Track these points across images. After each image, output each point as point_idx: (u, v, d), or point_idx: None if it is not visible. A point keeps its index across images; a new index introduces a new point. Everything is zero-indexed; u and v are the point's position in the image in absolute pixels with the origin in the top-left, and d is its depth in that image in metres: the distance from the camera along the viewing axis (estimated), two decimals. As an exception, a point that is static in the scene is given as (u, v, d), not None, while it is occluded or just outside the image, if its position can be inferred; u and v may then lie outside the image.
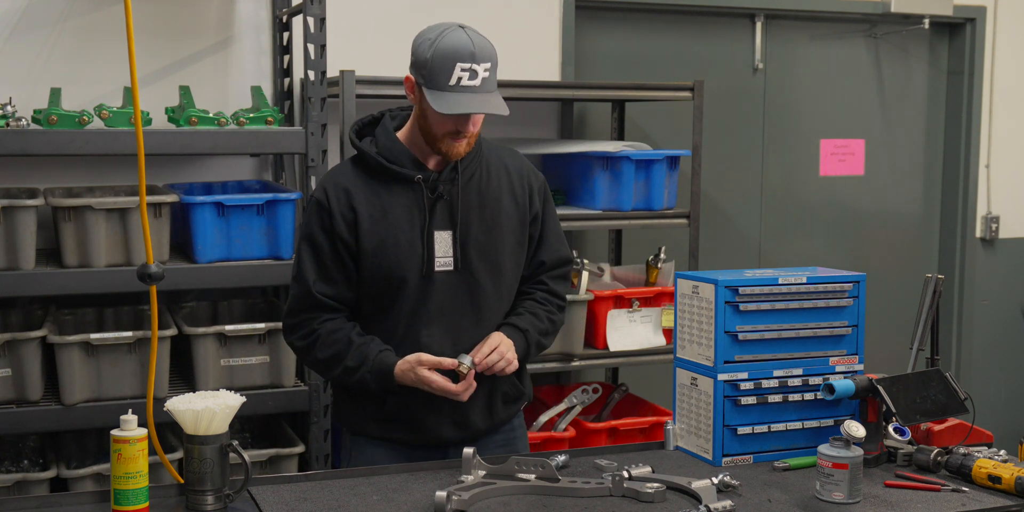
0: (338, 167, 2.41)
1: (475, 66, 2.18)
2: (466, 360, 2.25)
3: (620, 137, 4.17)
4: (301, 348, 2.37)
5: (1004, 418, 5.07)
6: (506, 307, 2.43)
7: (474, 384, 2.27)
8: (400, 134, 2.36)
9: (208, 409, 1.99)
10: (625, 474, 2.10)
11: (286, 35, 3.65)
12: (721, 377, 2.28)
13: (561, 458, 2.27)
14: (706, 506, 1.95)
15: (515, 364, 2.32)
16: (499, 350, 2.28)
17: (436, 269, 2.31)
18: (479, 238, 2.35)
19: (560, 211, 3.51)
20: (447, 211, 2.33)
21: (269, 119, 3.26)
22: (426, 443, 2.38)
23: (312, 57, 3.19)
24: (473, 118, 2.26)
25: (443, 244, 2.32)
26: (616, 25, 4.36)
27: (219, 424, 2.00)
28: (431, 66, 2.19)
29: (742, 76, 4.62)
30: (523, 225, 2.41)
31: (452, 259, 2.32)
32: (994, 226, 5.01)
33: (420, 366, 2.25)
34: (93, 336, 3.04)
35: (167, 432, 3.23)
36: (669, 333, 3.69)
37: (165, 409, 2.02)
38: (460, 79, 2.18)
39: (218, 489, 2.01)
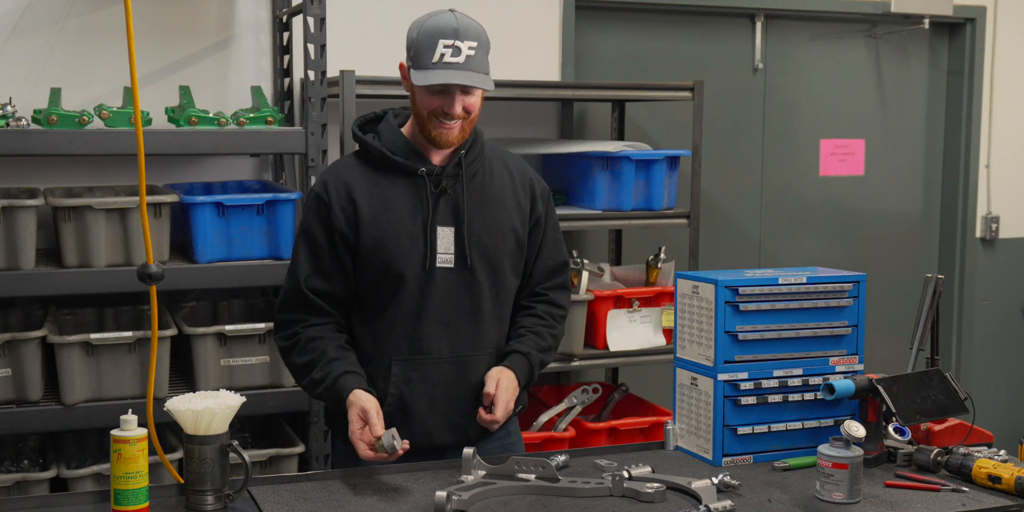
0: (339, 161, 2.40)
1: (458, 43, 2.17)
2: (393, 442, 2.08)
3: (620, 137, 4.16)
4: (282, 348, 2.35)
5: (1004, 418, 5.07)
6: (503, 310, 2.40)
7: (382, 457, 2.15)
8: (404, 129, 2.36)
9: (208, 409, 1.98)
10: (625, 474, 2.09)
11: (286, 35, 3.65)
12: (721, 377, 2.28)
13: (561, 458, 2.26)
14: (706, 506, 1.95)
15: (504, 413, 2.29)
16: (503, 403, 2.27)
17: (436, 265, 2.30)
18: (481, 236, 2.33)
19: (560, 211, 3.51)
20: (451, 207, 2.32)
21: (269, 119, 3.26)
22: (420, 447, 2.30)
23: (312, 57, 3.19)
24: (464, 102, 2.23)
25: (445, 240, 2.30)
26: (616, 25, 4.36)
27: (219, 424, 2.00)
28: (417, 45, 2.20)
29: (742, 76, 4.62)
30: (524, 228, 2.40)
31: (453, 256, 2.31)
32: (994, 226, 5.00)
33: (358, 413, 2.16)
34: (93, 336, 3.04)
35: (167, 432, 3.23)
36: (669, 333, 3.69)
37: (165, 409, 2.02)
38: (443, 56, 2.17)
39: (218, 489, 2.01)
